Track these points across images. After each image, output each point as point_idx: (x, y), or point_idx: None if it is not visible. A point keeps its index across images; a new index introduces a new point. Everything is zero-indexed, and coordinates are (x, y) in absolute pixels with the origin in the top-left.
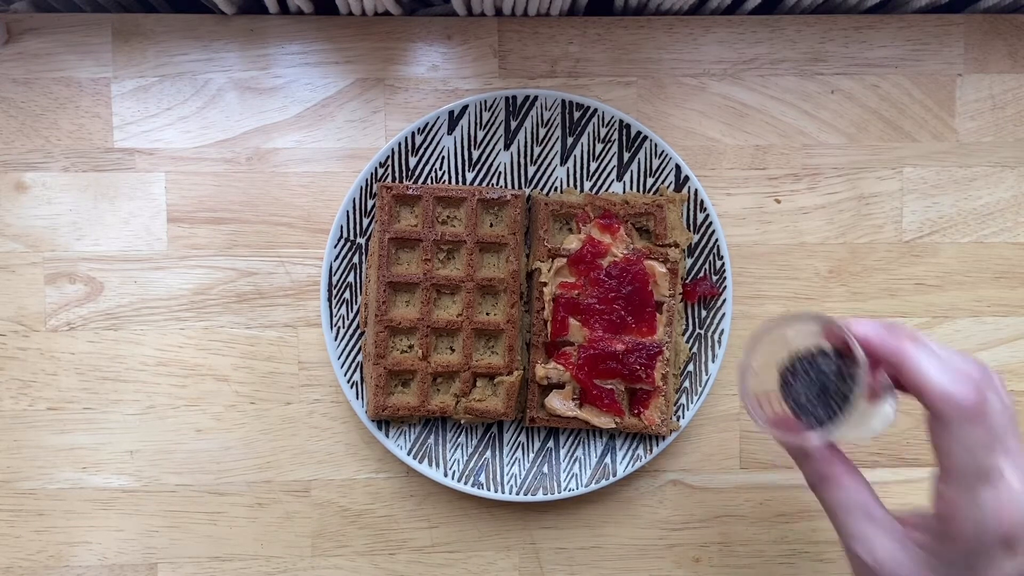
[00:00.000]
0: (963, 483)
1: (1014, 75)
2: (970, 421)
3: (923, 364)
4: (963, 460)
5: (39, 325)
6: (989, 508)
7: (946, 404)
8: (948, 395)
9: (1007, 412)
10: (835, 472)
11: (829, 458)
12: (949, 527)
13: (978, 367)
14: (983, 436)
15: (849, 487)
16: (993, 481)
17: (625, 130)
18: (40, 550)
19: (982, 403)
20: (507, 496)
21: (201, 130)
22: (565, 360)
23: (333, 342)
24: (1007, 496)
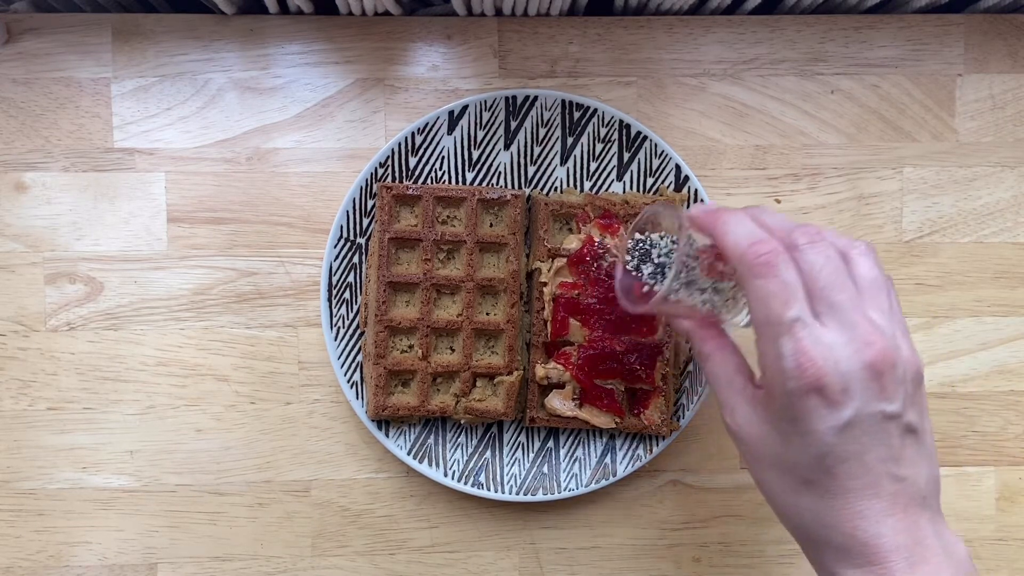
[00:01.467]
0: (765, 335)
1: (1014, 75)
2: (759, 276)
3: (727, 227)
4: (758, 312)
5: (39, 325)
6: (789, 357)
7: (738, 261)
8: (740, 254)
9: (828, 269)
10: (709, 348)
11: (704, 336)
12: (765, 380)
13: (798, 228)
14: (775, 288)
15: (718, 361)
16: (793, 331)
17: (625, 130)
18: (40, 550)
19: (772, 258)
20: (507, 496)
21: (201, 130)
22: (565, 360)
23: (333, 342)
24: (808, 345)
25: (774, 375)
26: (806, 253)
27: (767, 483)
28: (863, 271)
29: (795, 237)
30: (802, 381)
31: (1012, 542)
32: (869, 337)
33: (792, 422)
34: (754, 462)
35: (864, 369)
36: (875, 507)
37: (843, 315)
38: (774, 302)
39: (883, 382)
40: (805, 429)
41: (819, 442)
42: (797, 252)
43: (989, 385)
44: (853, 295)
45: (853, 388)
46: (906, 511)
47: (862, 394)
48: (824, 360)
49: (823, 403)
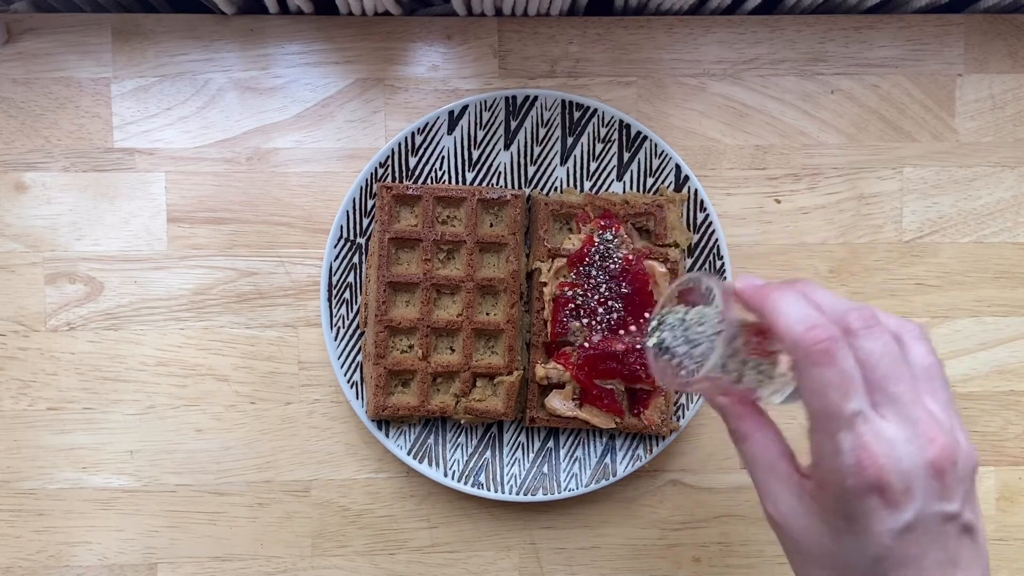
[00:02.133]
0: (822, 427)
1: (1014, 75)
2: (817, 364)
3: (780, 309)
4: (814, 404)
5: (39, 325)
6: (848, 453)
7: (795, 347)
8: (796, 339)
9: (887, 358)
10: (747, 428)
11: (741, 414)
12: (818, 473)
13: (853, 311)
14: (834, 379)
15: (758, 443)
16: (853, 426)
17: (625, 130)
18: (40, 550)
19: (831, 345)
20: (507, 496)
21: (201, 130)
22: (565, 360)
23: (333, 342)
24: (869, 441)
25: (830, 469)
26: (863, 340)
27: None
28: (919, 357)
29: (850, 321)
30: (862, 479)
31: (1012, 542)
32: (931, 433)
33: (847, 520)
34: (797, 556)
35: (927, 468)
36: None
37: (903, 407)
38: (833, 393)
39: (945, 481)
40: (861, 529)
41: (876, 544)
42: (853, 338)
43: (989, 385)
44: (911, 385)
45: (915, 488)
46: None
47: (923, 494)
48: (886, 458)
49: (883, 503)
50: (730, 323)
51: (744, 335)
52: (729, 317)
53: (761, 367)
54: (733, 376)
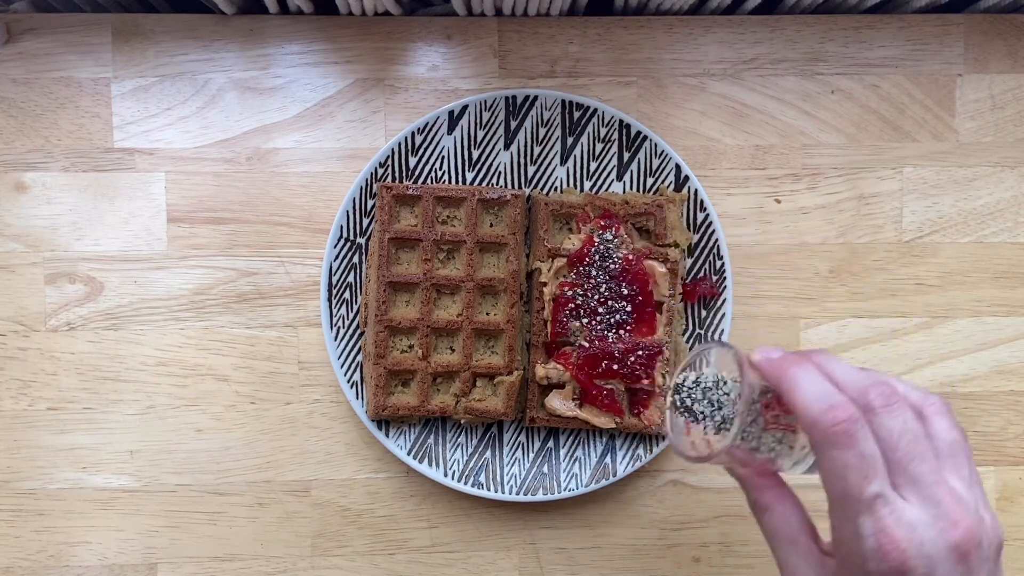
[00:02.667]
0: (842, 510)
1: (1014, 75)
2: (836, 446)
3: (798, 388)
4: (835, 487)
5: (39, 325)
6: (870, 537)
7: (813, 429)
8: (814, 419)
9: (908, 437)
10: (768, 500)
11: (761, 486)
12: (840, 554)
13: (872, 388)
14: (854, 461)
15: (779, 515)
16: (874, 510)
17: (625, 130)
18: (40, 550)
19: (850, 427)
20: (507, 496)
21: (201, 130)
22: (565, 360)
23: (333, 342)
24: (890, 524)
25: (851, 552)
26: (883, 418)
27: None
28: (941, 432)
29: (870, 399)
30: (884, 564)
31: (1012, 542)
32: (954, 515)
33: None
34: None
35: (950, 551)
36: None
37: (925, 489)
38: (853, 476)
39: (969, 563)
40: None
41: None
42: (873, 416)
43: (989, 385)
44: (934, 464)
45: (938, 572)
46: None
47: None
48: (908, 543)
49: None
50: (747, 390)
51: (763, 406)
52: (746, 383)
53: (782, 438)
54: (752, 445)
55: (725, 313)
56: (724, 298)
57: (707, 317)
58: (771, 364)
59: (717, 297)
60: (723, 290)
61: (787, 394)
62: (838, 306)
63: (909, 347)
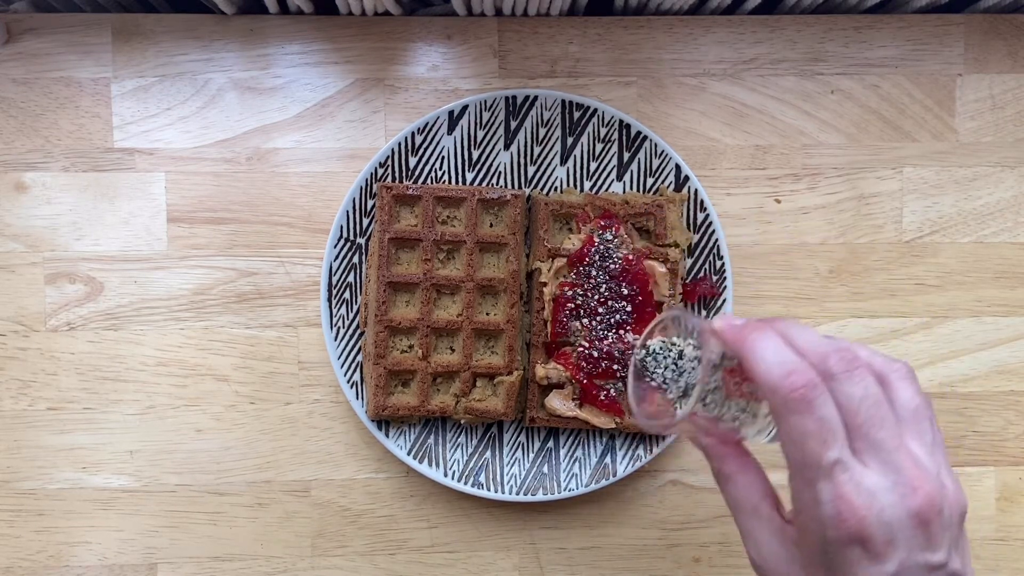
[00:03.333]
0: (801, 476)
1: (1014, 75)
2: (795, 412)
3: (758, 355)
4: (793, 452)
5: (39, 325)
6: (828, 503)
7: (772, 395)
8: (773, 385)
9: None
10: (730, 469)
11: (724, 455)
12: (799, 520)
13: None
14: (813, 427)
15: (741, 484)
16: (833, 475)
17: (625, 130)
18: (40, 550)
19: (809, 392)
20: (507, 496)
21: (201, 130)
22: (565, 360)
23: (333, 342)
24: (849, 490)
25: (810, 519)
26: (844, 384)
27: None
28: (904, 398)
29: (830, 364)
30: (843, 531)
31: (1012, 542)
32: (914, 481)
33: (828, 570)
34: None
35: (910, 518)
36: None
37: (885, 454)
38: (811, 441)
39: (929, 530)
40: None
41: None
42: (833, 382)
43: (989, 385)
44: (894, 430)
45: (898, 539)
46: None
47: (907, 545)
48: (867, 509)
49: (865, 555)
50: (708, 356)
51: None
52: (708, 350)
53: (746, 406)
54: (715, 413)
55: (725, 313)
56: (724, 298)
57: (707, 317)
58: (732, 330)
59: (717, 297)
60: (723, 290)
61: (747, 360)
62: (838, 306)
63: (909, 347)
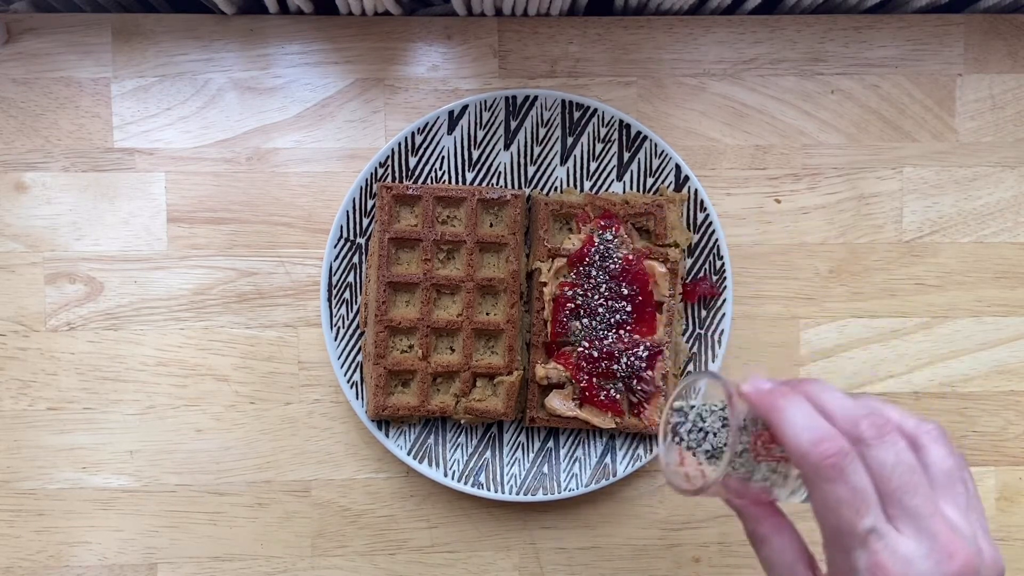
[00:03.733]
0: (836, 544)
1: (1014, 75)
2: (827, 480)
3: (787, 422)
4: (828, 521)
5: (39, 325)
6: (865, 572)
7: (803, 463)
8: (803, 453)
9: (901, 468)
10: (764, 531)
11: (758, 516)
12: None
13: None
14: (846, 495)
15: (777, 547)
16: (868, 544)
17: (625, 130)
18: (40, 550)
19: (840, 460)
20: (507, 496)
21: (201, 130)
22: (565, 360)
23: (333, 342)
24: (885, 559)
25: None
26: (876, 450)
27: None
28: (936, 460)
29: (862, 430)
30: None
31: (1012, 542)
32: (950, 547)
33: None
34: None
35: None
36: None
37: (920, 521)
38: (845, 510)
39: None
40: None
41: None
42: (865, 448)
43: (989, 385)
44: (928, 495)
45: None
46: None
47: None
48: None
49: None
50: (736, 420)
51: (755, 436)
52: (735, 413)
53: (776, 467)
54: (747, 474)
55: (725, 313)
56: (724, 298)
57: (707, 317)
58: (760, 396)
59: (717, 297)
60: (723, 290)
61: (776, 427)
62: (838, 306)
63: (909, 347)
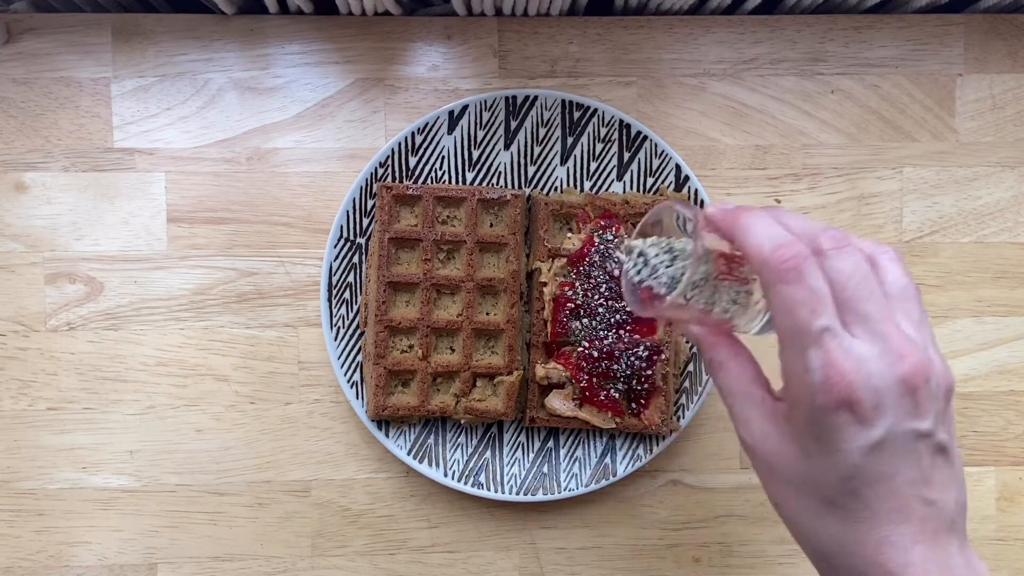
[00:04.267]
0: (791, 346)
1: (1014, 75)
2: (784, 282)
3: (749, 230)
4: (783, 322)
5: (39, 325)
6: (817, 370)
7: (763, 268)
8: (764, 258)
9: (857, 277)
10: (722, 357)
11: (716, 344)
12: (789, 393)
13: (823, 232)
14: (802, 296)
15: (732, 371)
16: (822, 342)
17: (625, 130)
18: (40, 550)
19: (799, 263)
20: (507, 496)
21: (201, 130)
22: (565, 360)
23: (333, 342)
24: (838, 356)
25: (800, 389)
26: (833, 259)
27: (785, 504)
28: (892, 278)
29: (821, 242)
30: (831, 396)
31: (1012, 542)
32: (902, 350)
33: (817, 440)
34: (772, 480)
35: (898, 384)
36: (904, 533)
37: (873, 325)
38: (801, 310)
39: (917, 398)
40: (832, 448)
41: (847, 462)
42: (823, 258)
43: (989, 385)
44: (883, 304)
45: (885, 404)
46: (935, 538)
47: (895, 411)
48: (856, 374)
49: (853, 420)
50: (699, 243)
51: (717, 261)
52: (699, 237)
53: (737, 297)
54: (708, 302)
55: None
56: None
57: None
58: (725, 213)
59: None
60: None
61: (739, 239)
62: None
63: None
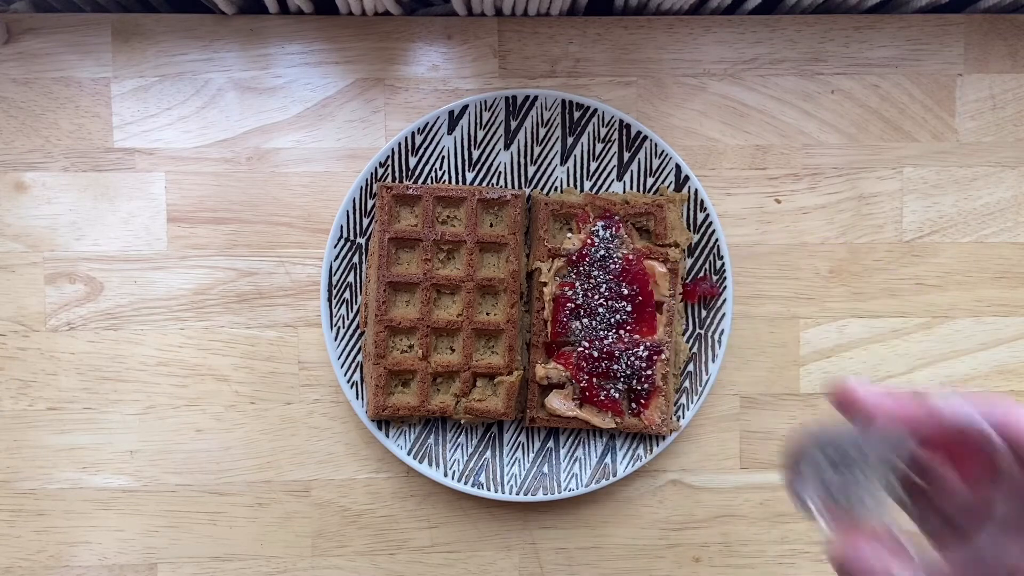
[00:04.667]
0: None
1: (1014, 75)
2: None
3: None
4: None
5: (39, 325)
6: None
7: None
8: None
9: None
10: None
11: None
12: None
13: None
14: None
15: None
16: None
17: (625, 130)
18: (40, 550)
19: None
20: (507, 496)
21: (201, 130)
22: (565, 360)
23: (333, 342)
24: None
25: None
26: None
27: None
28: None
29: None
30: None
31: None
32: None
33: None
34: None
35: None
36: None
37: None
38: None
39: None
40: None
41: None
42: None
43: (989, 385)
44: None
45: None
46: None
47: None
48: None
49: None
50: (886, 447)
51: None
52: (882, 441)
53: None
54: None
55: (725, 313)
56: (724, 298)
57: (707, 317)
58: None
59: (717, 297)
60: (723, 290)
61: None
62: (838, 306)
63: (909, 347)
